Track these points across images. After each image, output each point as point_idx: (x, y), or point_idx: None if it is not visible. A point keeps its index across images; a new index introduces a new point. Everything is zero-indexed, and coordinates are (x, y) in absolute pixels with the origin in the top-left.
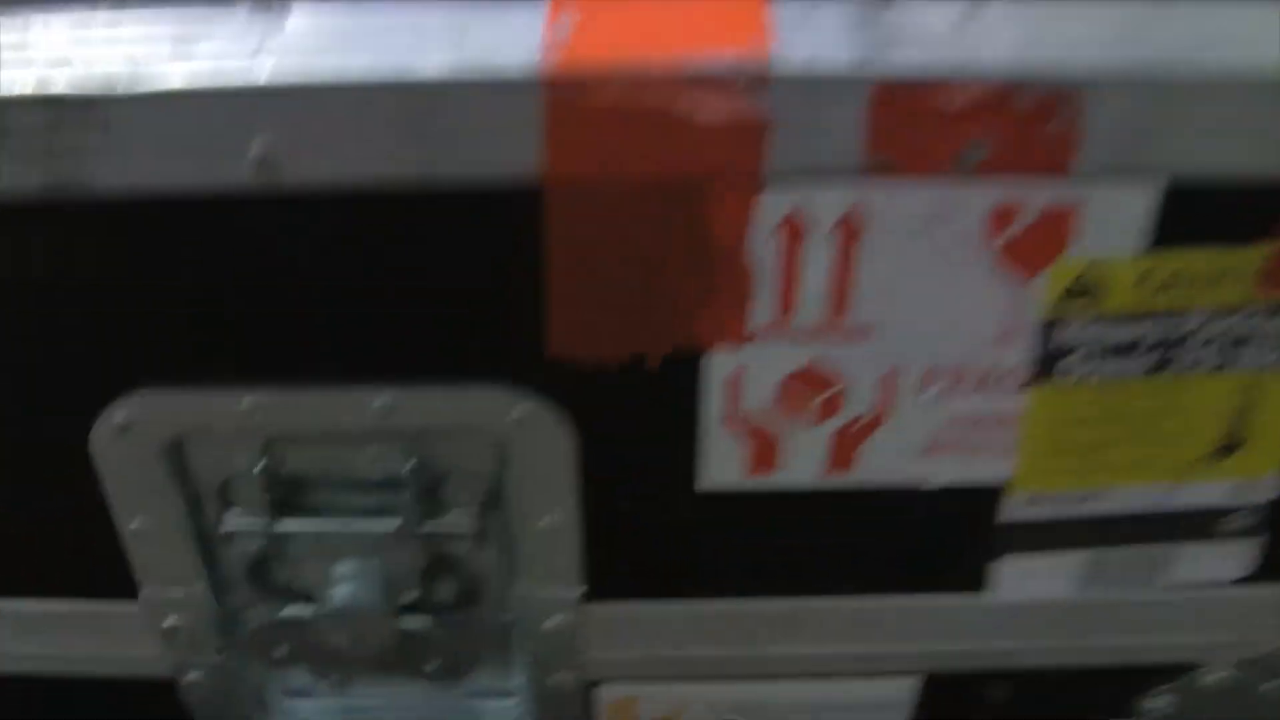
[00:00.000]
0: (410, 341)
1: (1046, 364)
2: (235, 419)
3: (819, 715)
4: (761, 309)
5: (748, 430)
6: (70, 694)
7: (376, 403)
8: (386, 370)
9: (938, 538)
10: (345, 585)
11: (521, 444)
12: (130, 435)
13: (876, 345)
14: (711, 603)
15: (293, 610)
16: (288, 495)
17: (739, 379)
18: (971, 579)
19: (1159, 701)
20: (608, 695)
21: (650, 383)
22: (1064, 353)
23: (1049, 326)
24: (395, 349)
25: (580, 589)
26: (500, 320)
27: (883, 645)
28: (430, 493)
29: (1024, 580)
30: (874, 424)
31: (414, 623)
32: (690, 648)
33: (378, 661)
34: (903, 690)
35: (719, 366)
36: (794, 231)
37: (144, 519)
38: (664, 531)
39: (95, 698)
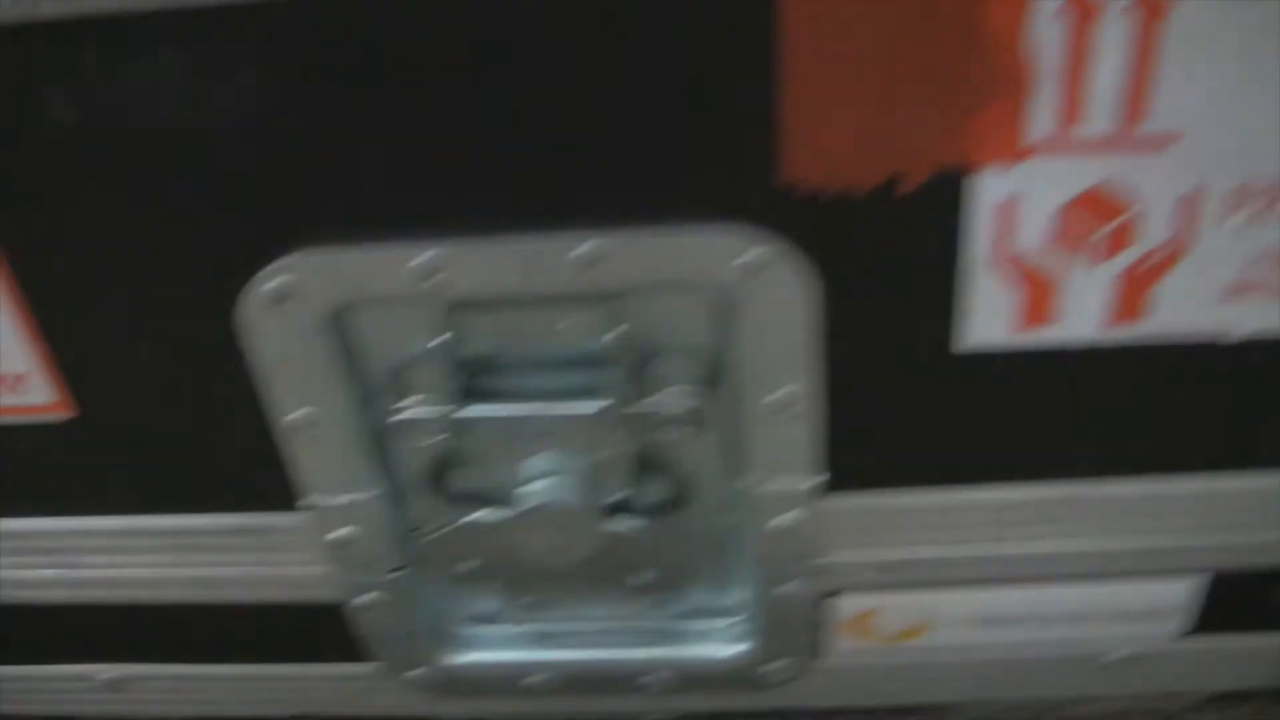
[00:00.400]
0: (615, 174)
1: None
2: (408, 280)
3: (1082, 625)
4: (1041, 116)
5: (1019, 273)
6: (226, 624)
7: (576, 252)
8: (587, 212)
9: (1240, 403)
10: (540, 483)
11: (750, 299)
12: (287, 305)
13: (1178, 158)
14: (969, 491)
15: (480, 515)
16: (473, 376)
17: (1011, 207)
18: (1268, 452)
19: None
20: (844, 607)
21: (903, 216)
22: None
23: None
24: (597, 184)
25: (816, 479)
26: (723, 142)
27: (1167, 538)
28: (640, 367)
29: None
30: (1169, 260)
31: (620, 526)
32: (942, 547)
33: (578, 576)
34: (1184, 593)
35: (988, 192)
36: (1084, 10)
37: (305, 409)
38: (917, 404)
39: (253, 628)
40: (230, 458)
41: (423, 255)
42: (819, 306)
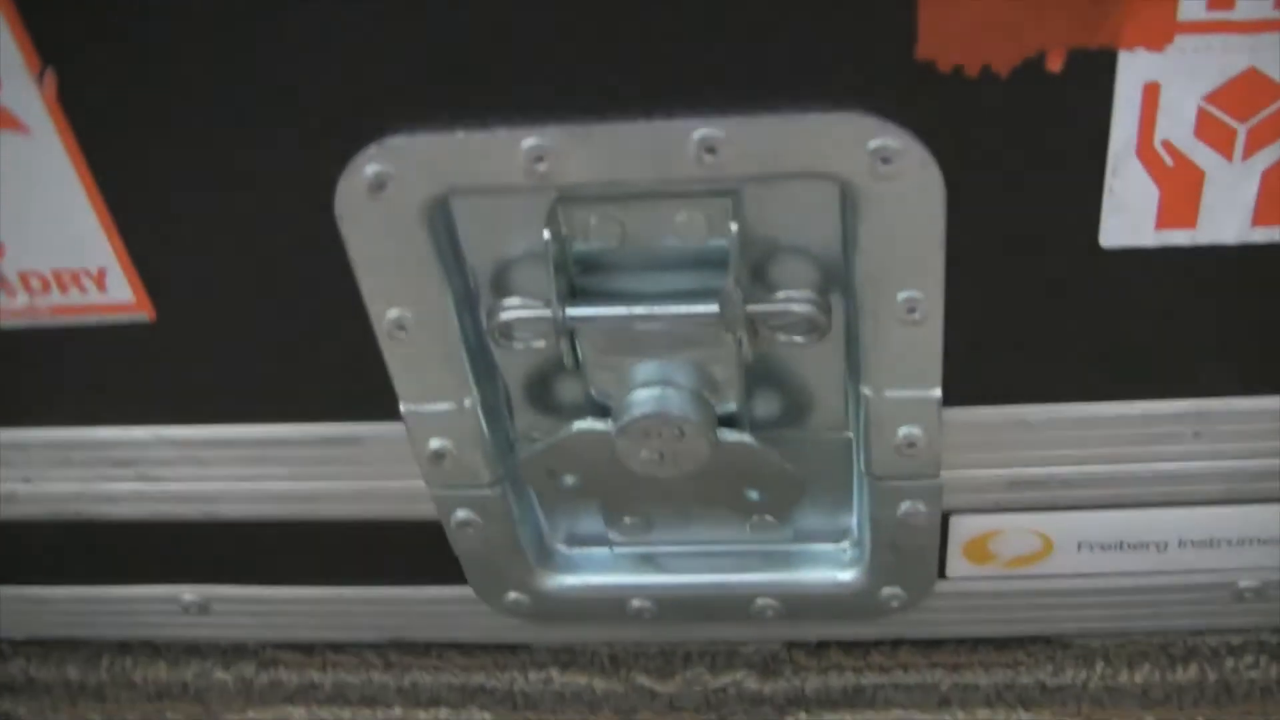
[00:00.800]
0: (737, 54)
1: None
2: (514, 167)
3: (1214, 552)
4: None
5: (1165, 166)
6: (317, 543)
7: (695, 136)
8: (707, 95)
9: None
10: (648, 390)
11: (877, 191)
12: (383, 193)
13: None
14: (1101, 405)
15: (583, 426)
16: (581, 275)
17: (1158, 93)
18: None
19: None
20: (964, 529)
21: (1044, 101)
22: None
23: None
24: (717, 65)
25: (940, 390)
26: (854, 17)
27: None
28: (758, 268)
29: None
30: None
31: (732, 439)
32: (1070, 465)
33: (685, 495)
34: None
35: (1134, 75)
36: None
37: (401, 309)
38: (1052, 309)
39: (344, 548)
40: (321, 362)
41: (531, 139)
42: (952, 200)
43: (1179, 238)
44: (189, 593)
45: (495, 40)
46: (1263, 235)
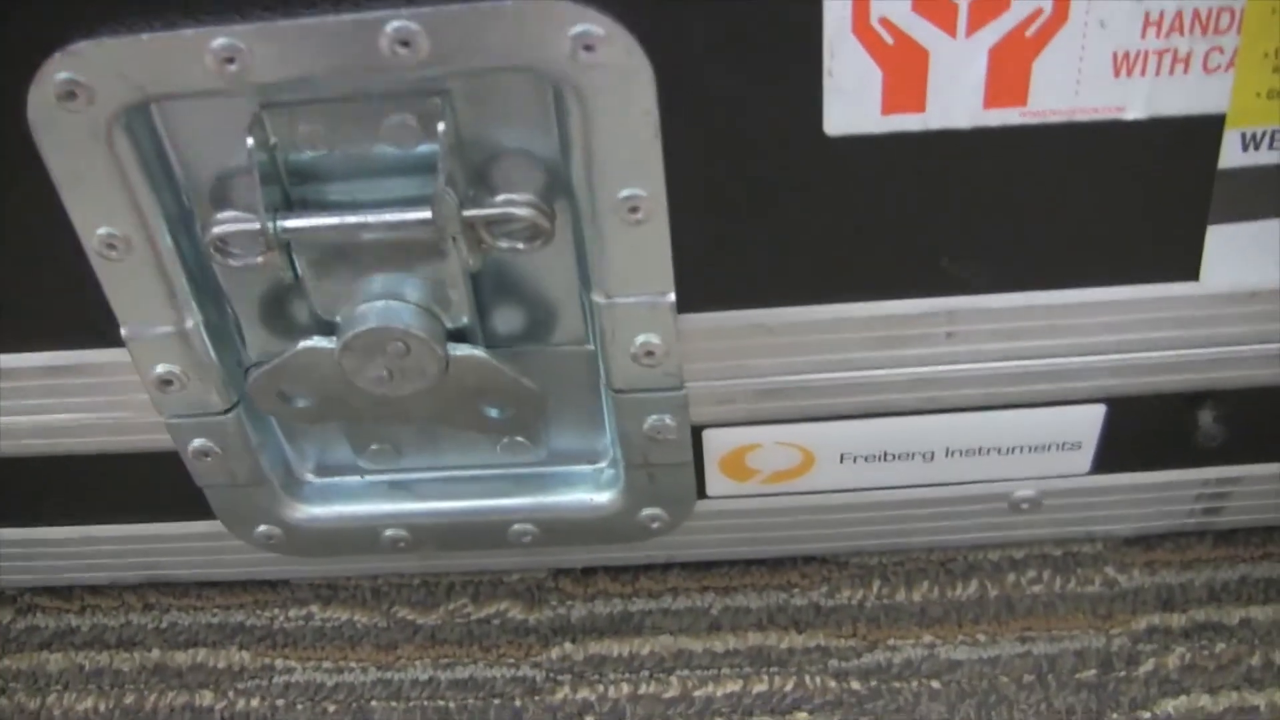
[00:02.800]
0: None
1: None
2: (204, 69)
3: (982, 462)
4: None
5: (886, 45)
6: (62, 480)
7: (389, 27)
8: None
9: (1131, 197)
10: (372, 304)
11: (584, 83)
12: (75, 102)
13: None
14: (848, 306)
15: (309, 344)
16: (296, 185)
17: None
18: (1173, 260)
19: None
20: (717, 443)
21: None
22: None
23: None
24: None
25: (674, 295)
26: None
27: (1066, 359)
28: (477, 171)
29: (1239, 260)
30: (1049, 29)
31: (463, 353)
32: (821, 372)
33: (426, 414)
34: (1089, 422)
35: None
36: None
37: (110, 227)
38: (782, 203)
39: (91, 484)
40: (37, 287)
41: (220, 39)
42: (663, 90)
43: (909, 123)
44: None
45: None
46: (996, 118)
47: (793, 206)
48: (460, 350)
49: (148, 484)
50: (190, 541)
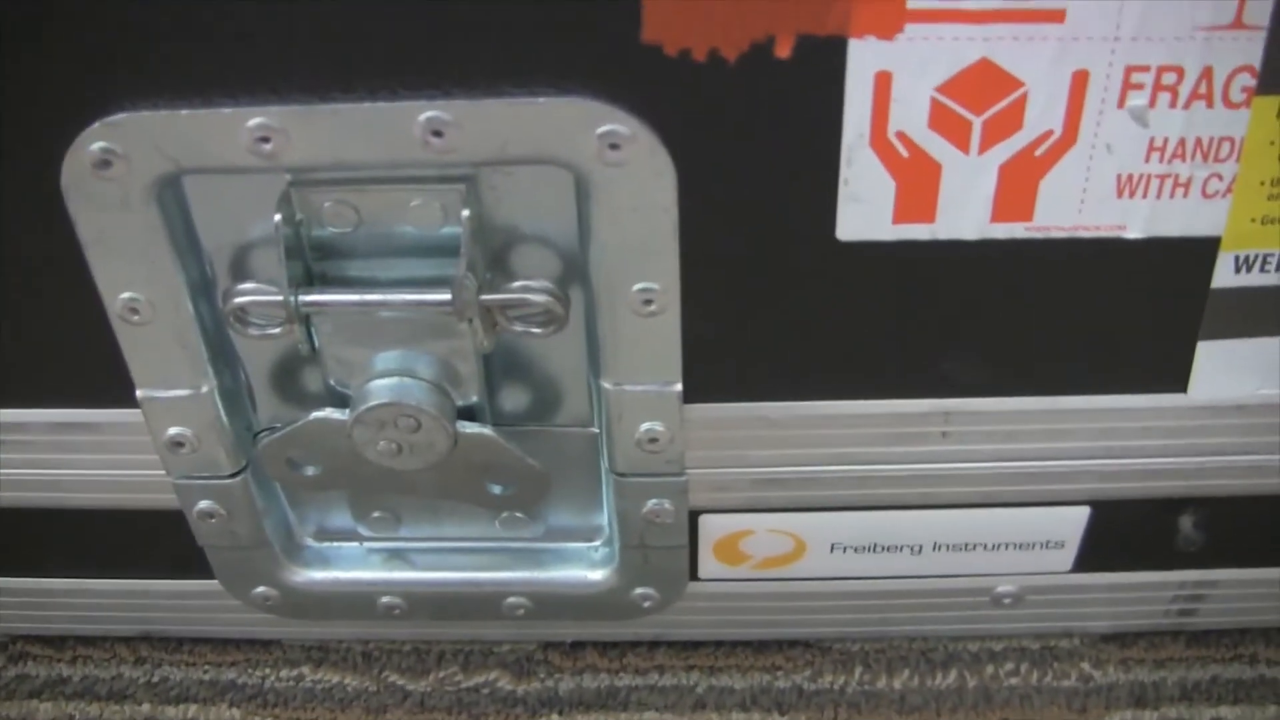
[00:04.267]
0: (465, 35)
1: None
2: (239, 146)
3: (969, 556)
4: None
5: (900, 158)
6: (64, 533)
7: (422, 118)
8: (436, 76)
9: (1127, 311)
10: (386, 380)
11: (607, 180)
12: (110, 171)
13: (1063, 37)
14: (848, 403)
15: (322, 414)
16: (318, 260)
17: (890, 83)
18: (1163, 372)
19: None
20: (713, 528)
21: (776, 88)
22: None
23: None
24: (446, 46)
25: (681, 385)
26: (579, 1)
27: (1055, 463)
28: (496, 256)
29: (1226, 375)
30: (1058, 150)
31: (472, 431)
32: (818, 465)
33: (432, 490)
34: (1074, 522)
35: (865, 64)
36: None
37: (133, 292)
38: (791, 303)
39: (92, 538)
40: (58, 346)
41: (256, 118)
42: (684, 188)
43: (918, 232)
44: None
45: (221, 17)
46: (1002, 231)
47: (801, 306)
48: (469, 428)
49: (149, 541)
50: (186, 599)
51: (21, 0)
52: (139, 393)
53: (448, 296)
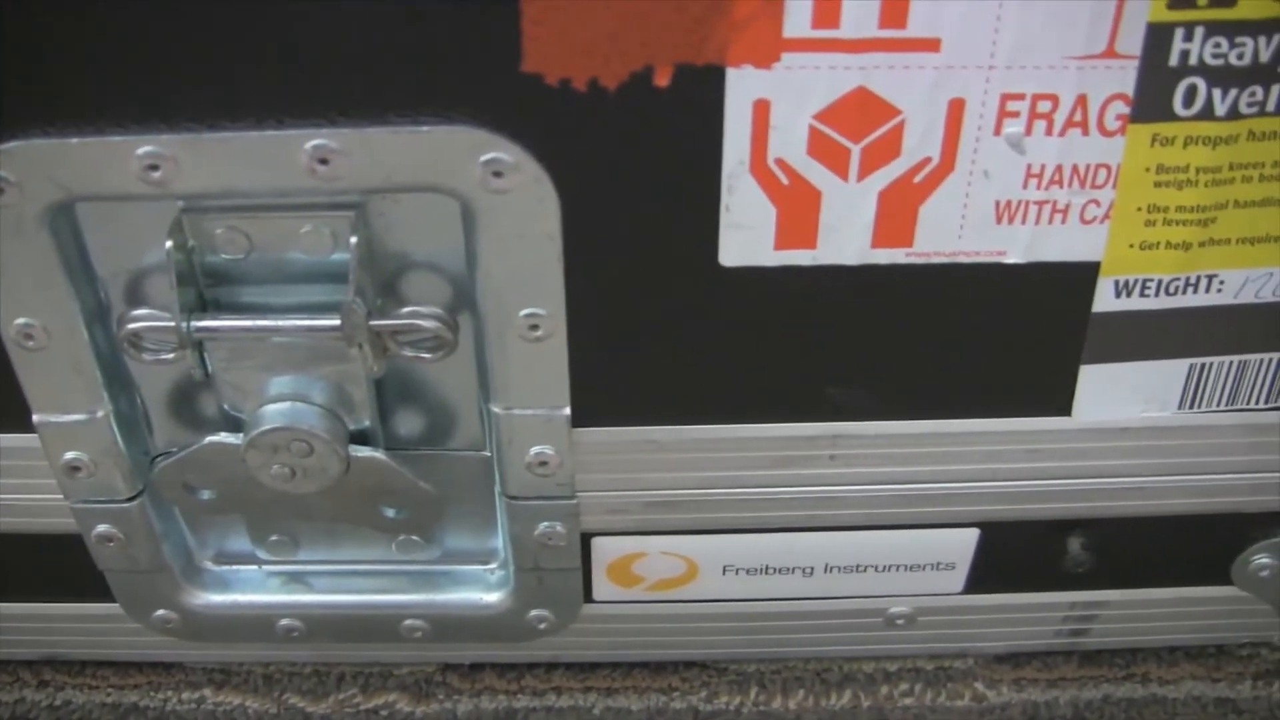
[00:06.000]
0: (348, 64)
1: (1152, 92)
2: (129, 174)
3: (860, 578)
4: (796, 14)
5: (781, 185)
6: None
7: (307, 146)
8: (320, 105)
9: (1010, 335)
10: (278, 405)
11: (491, 207)
12: (4, 198)
13: (939, 66)
14: (736, 427)
15: (215, 439)
16: (210, 287)
17: (768, 111)
18: (1047, 395)
19: (1259, 560)
20: (605, 551)
21: (656, 117)
22: (1177, 75)
23: (1157, 35)
24: (329, 75)
25: (569, 409)
26: (461, 28)
27: (936, 484)
28: (386, 282)
29: (1109, 398)
30: (936, 178)
31: (364, 455)
32: (707, 488)
33: (328, 514)
34: (964, 545)
35: (744, 92)
36: None
37: (29, 315)
38: (675, 328)
39: None
40: None
41: (146, 147)
42: (568, 215)
43: (800, 258)
44: None
45: (110, 45)
46: (883, 257)
47: (687, 331)
48: (361, 452)
49: (49, 565)
50: (88, 622)
51: None
52: (35, 417)
53: (337, 322)
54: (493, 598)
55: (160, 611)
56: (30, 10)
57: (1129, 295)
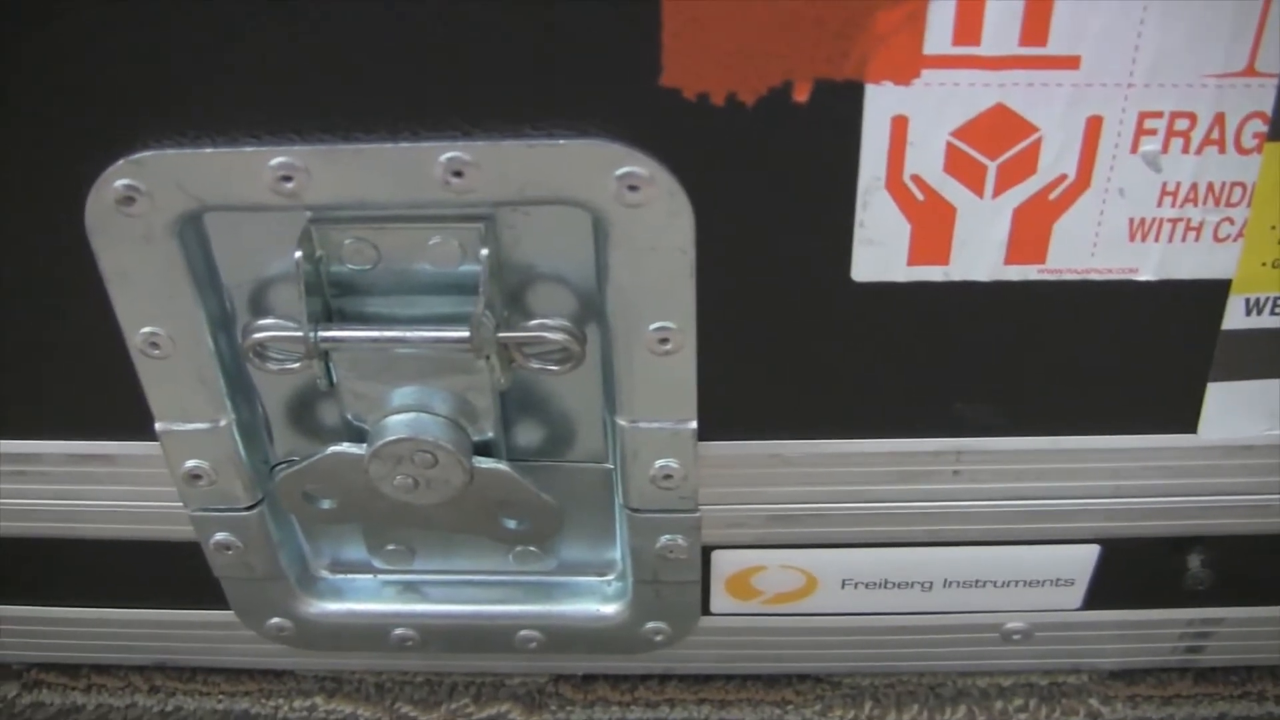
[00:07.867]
0: (485, 77)
1: None
2: (261, 185)
3: (979, 593)
4: (936, 30)
5: (916, 202)
6: (80, 563)
7: (442, 158)
8: (456, 118)
9: (1138, 352)
10: (403, 416)
11: (625, 221)
12: (133, 208)
13: (1077, 84)
14: (860, 442)
15: (338, 449)
16: (336, 297)
17: (906, 127)
18: (1173, 412)
19: None
20: (725, 564)
21: (788, 131)
22: None
23: None
24: (466, 88)
25: (696, 423)
26: (601, 42)
27: (1058, 500)
28: (514, 294)
29: (1236, 416)
30: (1072, 194)
31: (487, 467)
32: (829, 502)
33: (447, 524)
34: (1084, 561)
35: (882, 109)
36: None
37: (154, 326)
38: (806, 343)
39: (107, 568)
40: (78, 378)
41: (279, 158)
42: (702, 229)
43: (932, 274)
44: None
45: (245, 57)
46: (1015, 273)
47: (816, 346)
48: (484, 463)
49: (165, 571)
50: (201, 629)
51: (49, 39)
52: (158, 425)
53: (466, 334)
54: (609, 609)
55: (275, 619)
56: (164, 22)
57: (1259, 313)
